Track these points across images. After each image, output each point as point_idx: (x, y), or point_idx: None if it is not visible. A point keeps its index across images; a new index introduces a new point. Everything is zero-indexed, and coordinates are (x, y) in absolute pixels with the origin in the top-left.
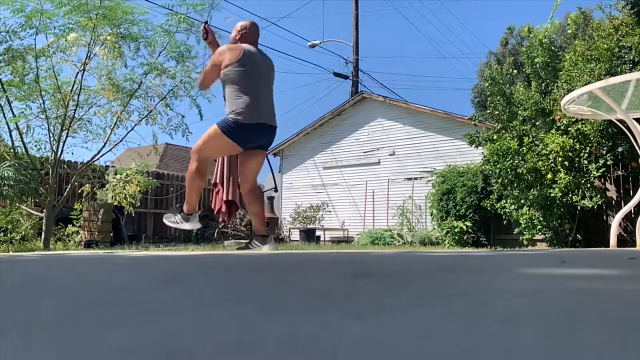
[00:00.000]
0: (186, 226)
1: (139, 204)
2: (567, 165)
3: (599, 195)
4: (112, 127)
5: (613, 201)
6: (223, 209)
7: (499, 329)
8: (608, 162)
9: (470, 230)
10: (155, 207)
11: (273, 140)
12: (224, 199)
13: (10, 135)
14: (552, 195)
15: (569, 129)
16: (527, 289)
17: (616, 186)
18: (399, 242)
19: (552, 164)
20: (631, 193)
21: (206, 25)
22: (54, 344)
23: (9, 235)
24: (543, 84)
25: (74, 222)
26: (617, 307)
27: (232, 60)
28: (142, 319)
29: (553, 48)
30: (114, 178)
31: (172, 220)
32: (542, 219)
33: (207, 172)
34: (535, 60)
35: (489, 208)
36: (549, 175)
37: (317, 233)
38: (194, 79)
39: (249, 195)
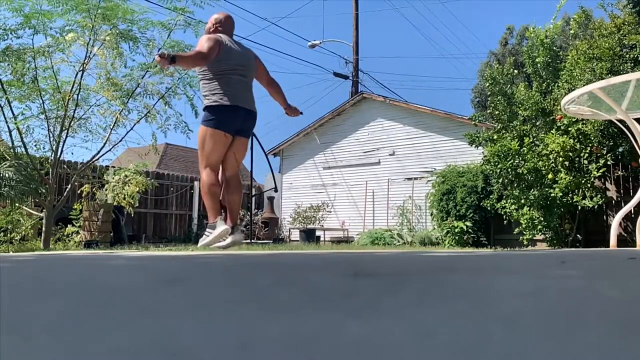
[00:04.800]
0: (216, 233)
1: (137, 204)
2: (567, 165)
3: (599, 195)
4: (111, 127)
5: (613, 201)
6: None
7: (499, 329)
8: (608, 162)
9: (470, 230)
10: (155, 207)
11: (253, 126)
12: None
13: (10, 135)
14: (553, 195)
15: (570, 129)
16: (527, 289)
17: (616, 186)
18: (399, 242)
19: (553, 164)
20: (631, 193)
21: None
22: (54, 344)
23: (9, 235)
24: (544, 84)
25: (74, 222)
26: (617, 307)
27: (220, 44)
28: (142, 319)
29: (554, 48)
30: (112, 179)
31: (203, 240)
32: (542, 219)
33: (218, 179)
34: (537, 60)
35: (489, 208)
36: (550, 175)
37: (317, 233)
38: (192, 76)
39: (228, 182)
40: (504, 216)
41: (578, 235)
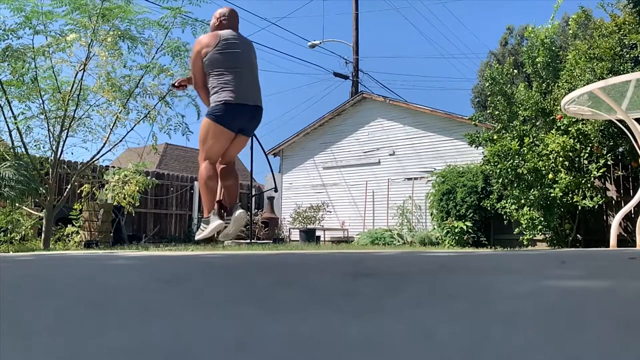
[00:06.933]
0: (210, 228)
1: (138, 204)
2: (567, 165)
3: (599, 195)
4: (111, 127)
5: (613, 201)
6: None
7: (499, 329)
8: (608, 162)
9: (470, 230)
10: (155, 207)
11: (258, 124)
12: (219, 198)
13: (10, 135)
14: (553, 195)
15: (570, 129)
16: (527, 289)
17: (616, 186)
18: (399, 242)
19: (553, 164)
20: (631, 193)
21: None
22: (54, 344)
23: (9, 235)
24: (544, 84)
25: (74, 222)
26: (617, 307)
27: (210, 46)
28: (142, 319)
29: (554, 48)
30: (112, 178)
31: (199, 234)
32: (542, 219)
33: (217, 173)
34: (537, 60)
35: (489, 208)
36: (550, 175)
37: (317, 233)
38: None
39: (223, 171)
40: (504, 216)
41: (578, 235)
